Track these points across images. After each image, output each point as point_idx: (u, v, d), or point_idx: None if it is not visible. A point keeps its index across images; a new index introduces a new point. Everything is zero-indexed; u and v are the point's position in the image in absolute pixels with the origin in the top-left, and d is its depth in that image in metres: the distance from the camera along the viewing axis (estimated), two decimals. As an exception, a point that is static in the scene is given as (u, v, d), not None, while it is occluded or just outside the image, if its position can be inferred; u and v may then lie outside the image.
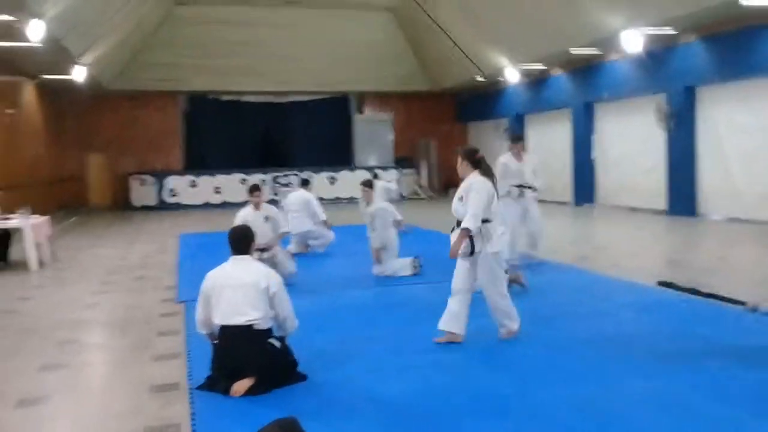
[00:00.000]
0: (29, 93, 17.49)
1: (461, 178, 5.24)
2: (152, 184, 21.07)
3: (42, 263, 9.69)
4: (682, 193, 14.46)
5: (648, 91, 15.33)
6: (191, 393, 4.29)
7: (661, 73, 14.73)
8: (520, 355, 4.90)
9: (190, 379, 4.52)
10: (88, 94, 20.52)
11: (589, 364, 4.68)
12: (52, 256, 10.21)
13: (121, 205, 21.55)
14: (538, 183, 8.76)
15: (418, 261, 8.25)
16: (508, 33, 17.14)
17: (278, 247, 7.92)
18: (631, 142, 16.49)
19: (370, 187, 8.93)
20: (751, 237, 11.18)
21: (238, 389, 4.19)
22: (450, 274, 7.13)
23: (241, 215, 7.71)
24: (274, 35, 21.46)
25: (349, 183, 21.58)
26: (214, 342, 4.45)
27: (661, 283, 7.29)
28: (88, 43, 14.68)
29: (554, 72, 18.93)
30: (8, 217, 9.60)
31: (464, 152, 5.28)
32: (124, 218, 18.18)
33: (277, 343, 4.41)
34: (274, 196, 20.68)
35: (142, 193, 21.19)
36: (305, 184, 11.22)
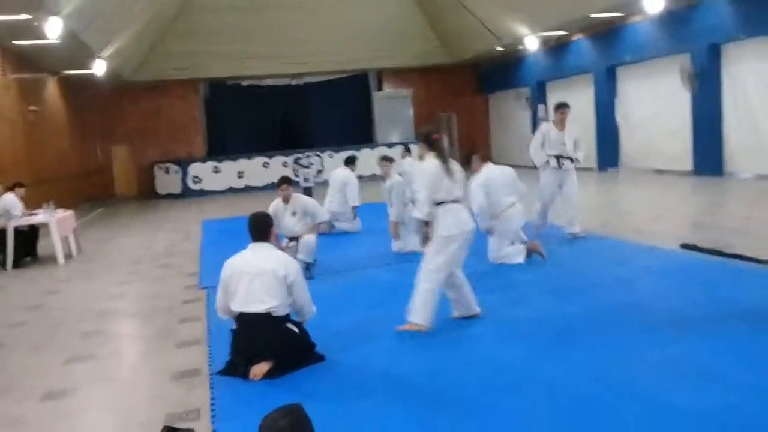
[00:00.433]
0: (52, 89, 17.72)
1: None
2: (176, 172, 21.28)
3: (69, 256, 9.89)
4: (709, 153, 14.16)
5: (671, 52, 14.96)
6: (211, 378, 4.35)
7: (684, 32, 14.36)
8: (536, 328, 4.86)
9: (211, 365, 4.59)
10: (109, 87, 20.73)
11: (608, 333, 4.64)
12: (79, 249, 10.41)
13: (147, 194, 21.84)
14: (579, 154, 8.33)
15: None
16: (527, 0, 16.81)
17: (308, 236, 7.30)
18: (655, 104, 16.15)
19: (389, 161, 8.92)
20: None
21: (256, 372, 4.24)
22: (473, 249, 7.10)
23: (272, 208, 7.33)
24: (291, 17, 21.36)
25: (370, 161, 21.52)
26: (233, 328, 4.50)
27: (685, 246, 7.17)
28: (107, 37, 14.78)
29: (575, 37, 18.57)
30: (34, 213, 9.78)
31: (420, 134, 5.21)
32: (149, 207, 18.42)
33: (294, 328, 4.45)
34: (296, 178, 20.80)
35: (167, 181, 21.44)
36: (350, 162, 10.78)
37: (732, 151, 13.86)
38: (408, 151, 11.73)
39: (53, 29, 10.91)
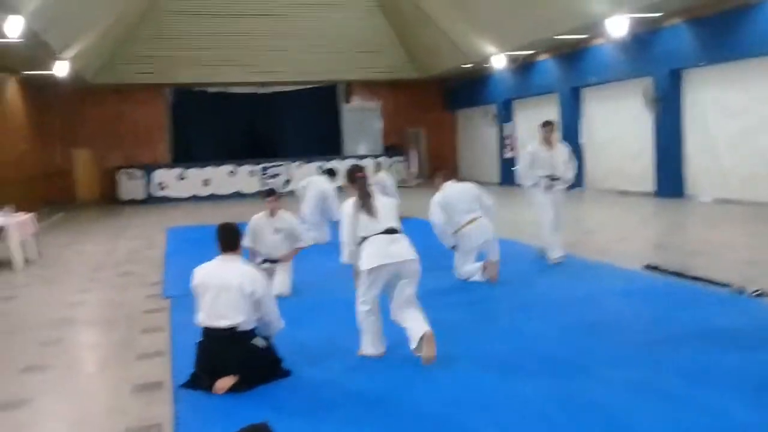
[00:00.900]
0: (12, 89, 17.32)
1: None
2: (140, 177, 20.93)
3: (27, 261, 9.63)
4: (670, 176, 14.49)
5: (634, 75, 15.31)
6: (174, 392, 4.25)
7: (647, 57, 14.71)
8: (502, 346, 4.88)
9: (174, 378, 4.48)
10: (72, 89, 20.33)
11: (571, 352, 4.67)
12: (38, 254, 10.14)
13: (109, 199, 21.43)
14: (569, 174, 8.07)
15: None
16: (494, 19, 17.04)
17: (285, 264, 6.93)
18: (619, 126, 16.50)
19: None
20: (738, 218, 11.23)
21: (220, 387, 4.16)
22: (441, 264, 7.15)
23: (251, 227, 6.80)
24: (259, 25, 21.29)
25: (338, 172, 21.49)
26: (198, 341, 4.41)
27: (648, 267, 7.30)
28: (70, 38, 14.50)
29: (541, 57, 18.87)
30: (-9, 215, 9.51)
31: (347, 170, 5.05)
32: (111, 213, 18.06)
33: (260, 342, 4.37)
34: (262, 188, 20.64)
35: (130, 187, 21.05)
36: (330, 174, 10.92)
37: (692, 174, 14.22)
38: (379, 167, 11.98)
39: (14, 28, 10.66)
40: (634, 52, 15.04)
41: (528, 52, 18.50)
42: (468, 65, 20.74)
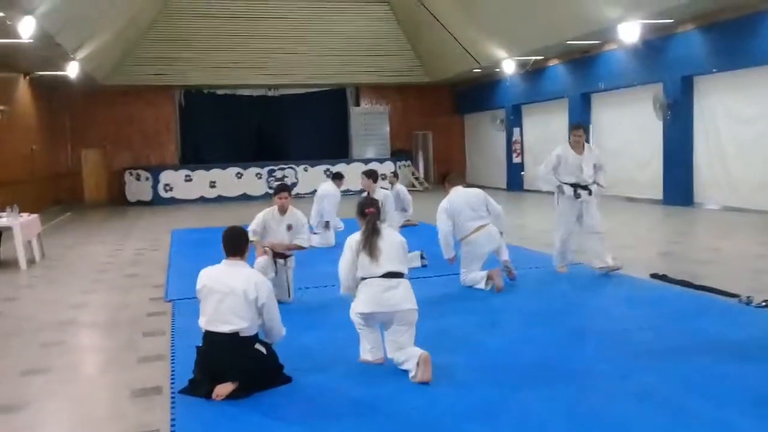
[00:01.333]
0: (23, 89, 17.41)
1: None
2: (147, 179, 20.99)
3: (32, 262, 9.64)
4: (679, 183, 14.38)
5: (645, 81, 15.21)
6: (173, 397, 4.22)
7: (658, 63, 14.62)
8: (506, 355, 4.82)
9: (173, 383, 4.45)
10: (82, 90, 20.43)
11: (575, 361, 4.62)
12: (42, 255, 10.15)
13: (117, 200, 21.50)
14: (600, 180, 7.49)
15: (424, 254, 8.21)
16: (505, 24, 17.00)
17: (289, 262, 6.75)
18: (628, 132, 16.39)
19: (371, 178, 9.29)
20: (747, 227, 11.12)
21: (219, 393, 4.12)
22: (446, 270, 7.08)
23: (261, 217, 6.54)
24: (270, 28, 21.35)
25: (345, 175, 21.47)
26: (198, 345, 4.38)
27: (654, 276, 7.22)
28: (82, 39, 14.57)
29: (551, 63, 18.81)
30: (-3, 215, 9.53)
31: (357, 207, 4.82)
32: (118, 214, 18.10)
33: (262, 349, 4.33)
34: (269, 190, 20.67)
35: (137, 188, 21.12)
36: (337, 177, 11.01)
37: (701, 182, 14.10)
38: (396, 176, 12.26)
39: (26, 28, 10.71)
40: (645, 58, 14.95)
41: (538, 57, 18.43)
42: (478, 70, 20.69)
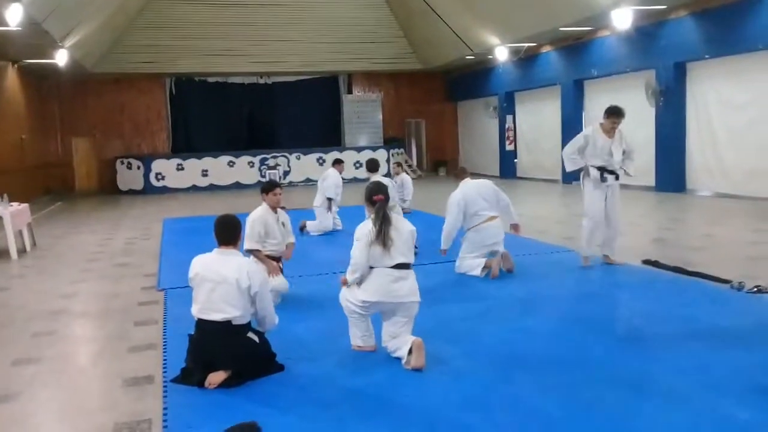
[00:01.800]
0: (11, 78, 17.24)
1: None
2: (139, 167, 20.88)
3: (23, 251, 9.57)
4: (671, 170, 14.40)
5: (637, 68, 15.19)
6: (165, 386, 4.19)
7: (650, 50, 14.60)
8: (500, 343, 4.81)
9: (165, 372, 4.42)
10: (71, 78, 20.26)
11: (568, 349, 4.61)
12: (33, 244, 10.09)
13: (108, 189, 21.39)
14: (630, 167, 7.16)
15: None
16: (498, 11, 16.92)
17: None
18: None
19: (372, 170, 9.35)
20: (739, 213, 11.15)
21: (212, 381, 4.10)
22: (440, 258, 7.07)
23: (260, 220, 6.14)
24: (261, 15, 21.18)
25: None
26: (190, 334, 4.35)
27: (646, 262, 7.23)
28: (70, 27, 14.42)
29: (543, 49, 18.75)
30: (-14, 205, 9.45)
31: (365, 193, 4.63)
32: (109, 203, 18.01)
33: (255, 337, 4.31)
34: (262, 178, 20.60)
35: (129, 177, 21.02)
36: (337, 162, 11.11)
37: (694, 168, 14.12)
38: (399, 166, 12.47)
39: (14, 16, 10.59)
40: (638, 44, 14.92)
41: (531, 44, 18.38)
42: (470, 57, 20.62)
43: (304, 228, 10.34)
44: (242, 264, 4.31)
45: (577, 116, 17.91)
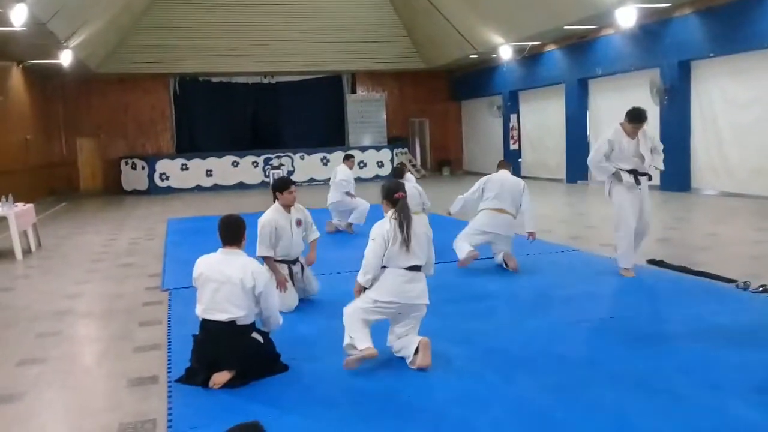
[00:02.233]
0: (16, 78, 17.29)
1: None
2: (143, 168, 20.91)
3: (28, 252, 9.60)
4: (676, 169, 14.32)
5: (642, 66, 15.15)
6: (170, 386, 4.20)
7: (655, 48, 14.55)
8: (504, 343, 4.80)
9: (170, 372, 4.43)
10: (76, 78, 20.31)
11: (573, 348, 4.60)
12: (38, 244, 10.12)
13: (112, 189, 21.42)
14: (657, 162, 6.76)
15: None
16: (502, 10, 16.90)
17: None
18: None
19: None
20: (744, 212, 11.11)
21: (216, 381, 4.10)
22: (445, 257, 7.06)
23: (270, 223, 5.85)
24: (265, 15, 21.20)
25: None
26: (195, 334, 4.35)
27: (651, 262, 7.21)
28: (75, 27, 14.46)
29: (547, 48, 18.72)
30: (-9, 205, 9.48)
31: (384, 191, 4.55)
32: (114, 203, 18.04)
33: (259, 338, 4.31)
34: (266, 178, 20.63)
35: (133, 177, 21.06)
36: (347, 158, 11.07)
37: (698, 167, 14.07)
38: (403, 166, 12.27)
39: (18, 16, 10.62)
40: (642, 43, 14.88)
41: (535, 43, 18.35)
42: (474, 56, 20.59)
43: (351, 227, 10.36)
44: (246, 264, 4.31)
45: (581, 115, 17.89)
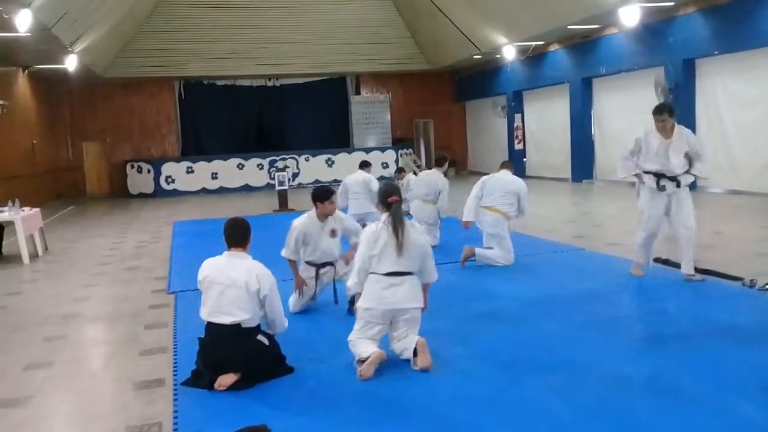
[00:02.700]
0: (22, 83, 17.37)
1: None
2: (149, 171, 20.98)
3: (35, 256, 9.64)
4: (682, 167, 14.30)
5: (646, 65, 15.12)
6: (176, 389, 4.21)
7: (659, 46, 14.51)
8: (508, 343, 4.80)
9: (176, 375, 4.44)
10: (81, 83, 20.40)
11: (578, 348, 4.59)
12: (45, 248, 10.16)
13: (119, 193, 21.50)
14: (699, 171, 6.22)
15: None
16: (505, 10, 16.89)
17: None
18: (630, 116, 16.26)
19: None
20: (749, 210, 11.07)
21: (222, 383, 4.11)
22: (451, 258, 7.08)
23: (299, 230, 5.72)
24: (268, 18, 21.24)
25: (347, 165, 21.46)
26: (200, 337, 4.37)
27: (657, 260, 7.18)
28: (80, 32, 14.52)
29: (551, 48, 18.70)
30: (-1, 210, 9.53)
31: (379, 194, 4.52)
32: (120, 207, 18.10)
33: (265, 340, 4.32)
34: (271, 180, 20.65)
35: (139, 180, 21.13)
36: (365, 165, 10.58)
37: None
38: (402, 171, 12.36)
39: (23, 22, 10.68)
40: (646, 41, 14.84)
41: (539, 43, 18.33)
42: (478, 56, 20.59)
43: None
44: (252, 267, 4.31)
45: (585, 114, 17.85)
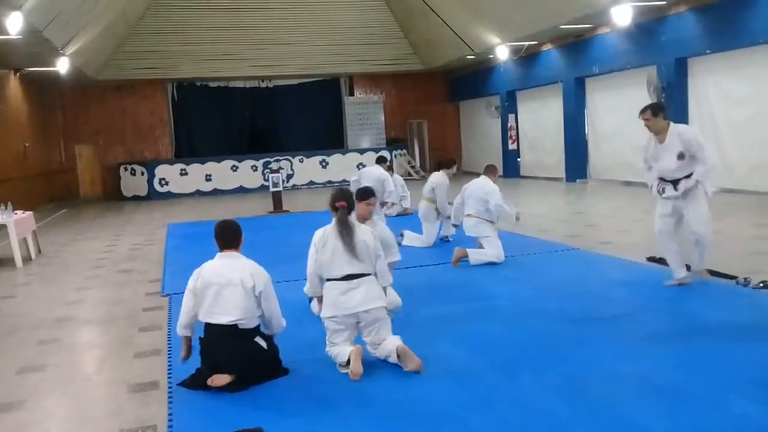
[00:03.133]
0: (13, 86, 17.30)
1: None
2: (142, 173, 20.92)
3: (28, 259, 9.60)
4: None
5: (639, 64, 15.15)
6: (170, 391, 4.20)
7: (651, 45, 14.56)
8: (503, 342, 4.80)
9: (170, 377, 4.43)
10: (73, 85, 20.33)
11: (572, 346, 4.60)
12: (38, 252, 10.12)
13: (112, 195, 21.43)
14: (698, 172, 5.92)
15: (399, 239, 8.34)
16: (498, 10, 16.92)
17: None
18: (623, 115, 16.30)
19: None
20: (742, 208, 11.11)
21: (215, 381, 4.09)
22: (443, 258, 7.07)
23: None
24: (261, 19, 21.23)
25: (341, 166, 21.49)
26: (200, 337, 4.34)
27: (650, 259, 7.21)
28: (71, 34, 14.46)
29: (544, 47, 18.73)
30: (-9, 213, 9.48)
31: (330, 198, 4.59)
32: (113, 209, 18.05)
33: (263, 343, 4.30)
34: (265, 182, 20.62)
35: (133, 182, 21.07)
36: (381, 161, 10.38)
37: (697, 164, 14.05)
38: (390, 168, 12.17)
39: (14, 24, 10.63)
40: (638, 40, 14.88)
41: (531, 43, 18.36)
42: (471, 56, 20.61)
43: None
44: (245, 265, 4.32)
45: (579, 114, 17.89)
